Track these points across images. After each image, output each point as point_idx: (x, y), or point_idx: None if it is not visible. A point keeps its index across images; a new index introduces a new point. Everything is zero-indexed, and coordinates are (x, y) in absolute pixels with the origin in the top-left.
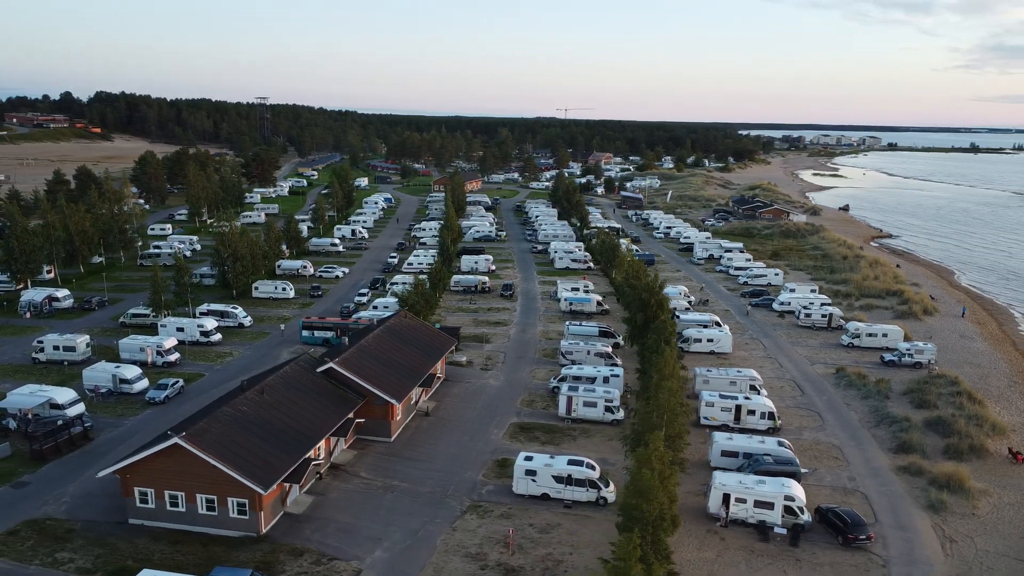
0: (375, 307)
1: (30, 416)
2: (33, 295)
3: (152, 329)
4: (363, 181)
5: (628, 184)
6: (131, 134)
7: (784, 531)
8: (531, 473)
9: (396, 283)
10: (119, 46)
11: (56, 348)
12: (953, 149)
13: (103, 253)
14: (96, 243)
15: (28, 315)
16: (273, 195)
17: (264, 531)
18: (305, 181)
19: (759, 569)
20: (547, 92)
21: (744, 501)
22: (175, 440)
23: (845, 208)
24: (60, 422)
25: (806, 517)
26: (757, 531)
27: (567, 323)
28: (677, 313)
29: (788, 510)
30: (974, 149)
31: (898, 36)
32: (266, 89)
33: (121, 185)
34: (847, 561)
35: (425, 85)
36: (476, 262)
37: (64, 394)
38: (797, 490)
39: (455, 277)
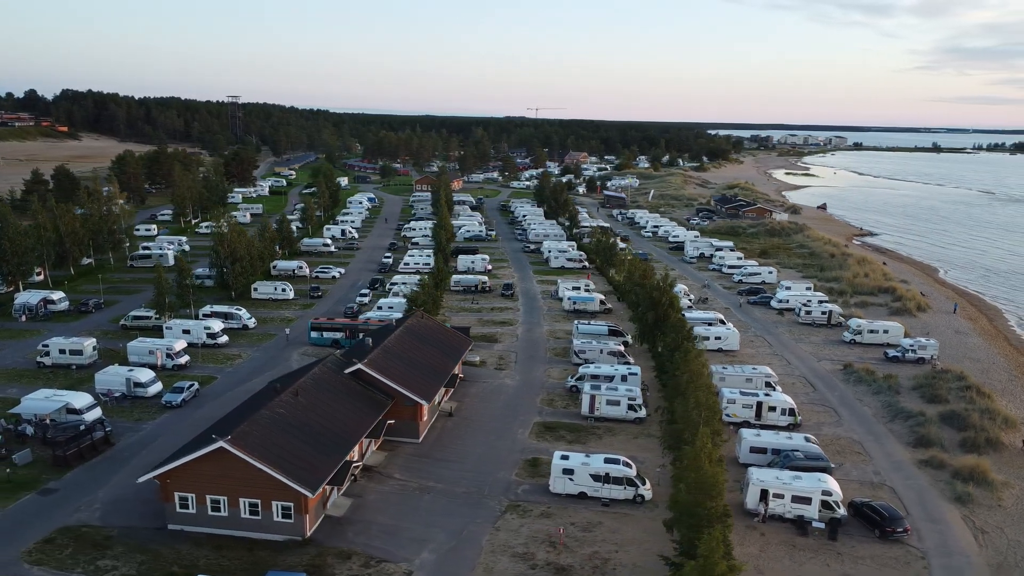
0: (379, 307)
1: (48, 421)
2: (28, 298)
3: (155, 331)
4: (343, 181)
5: (609, 183)
6: (99, 133)
7: (822, 525)
8: (568, 472)
9: (396, 283)
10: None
11: (62, 352)
12: (916, 149)
13: (92, 255)
14: (86, 244)
15: (23, 318)
16: (254, 195)
17: (309, 534)
18: (284, 181)
19: (803, 563)
20: (517, 92)
21: (782, 496)
22: (220, 444)
23: (823, 207)
24: (83, 427)
25: (842, 511)
26: (795, 526)
27: (575, 322)
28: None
29: (825, 505)
30: (936, 149)
31: (859, 38)
32: (235, 88)
33: (109, 185)
34: (886, 554)
35: (394, 85)
36: (472, 262)
37: (81, 398)
38: (833, 485)
39: (455, 277)
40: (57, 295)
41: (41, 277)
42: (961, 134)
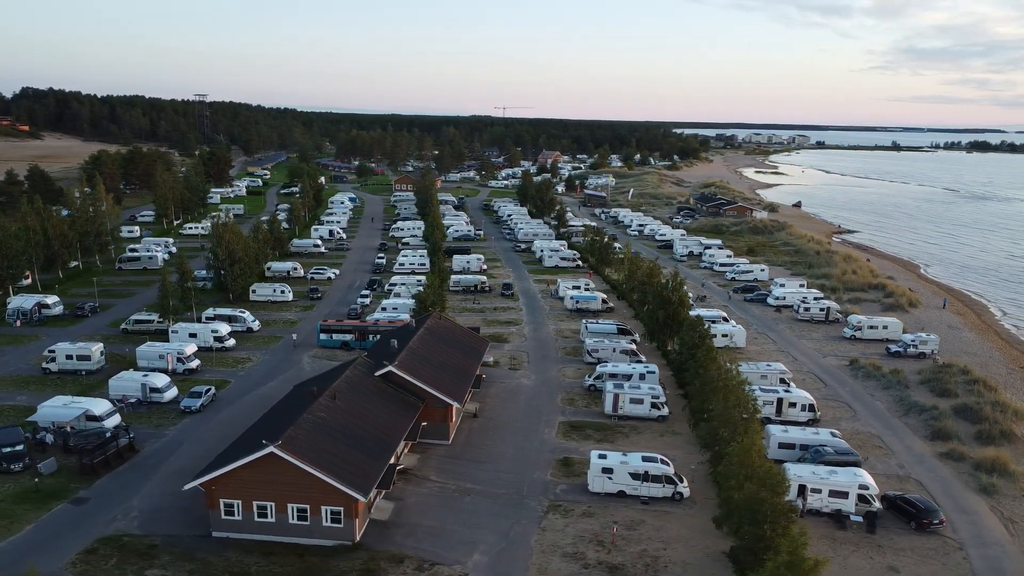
0: (383, 308)
1: (68, 429)
2: (22, 302)
3: (157, 335)
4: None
5: (588, 182)
6: (62, 132)
7: (860, 519)
8: (608, 471)
9: (395, 284)
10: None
11: (69, 357)
12: (877, 147)
13: (79, 257)
14: (74, 247)
15: (18, 323)
16: (231, 195)
17: (358, 539)
18: (260, 181)
19: (847, 556)
20: (483, 91)
21: (819, 491)
22: (271, 449)
23: (797, 205)
24: (108, 434)
25: (878, 505)
26: (833, 520)
27: (584, 321)
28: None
29: (862, 498)
30: (896, 148)
31: (818, 38)
32: (200, 86)
33: (87, 185)
34: (925, 545)
35: (358, 83)
36: (468, 262)
37: (100, 405)
38: (869, 479)
39: (454, 277)
40: (51, 299)
41: (29, 281)
42: (916, 133)
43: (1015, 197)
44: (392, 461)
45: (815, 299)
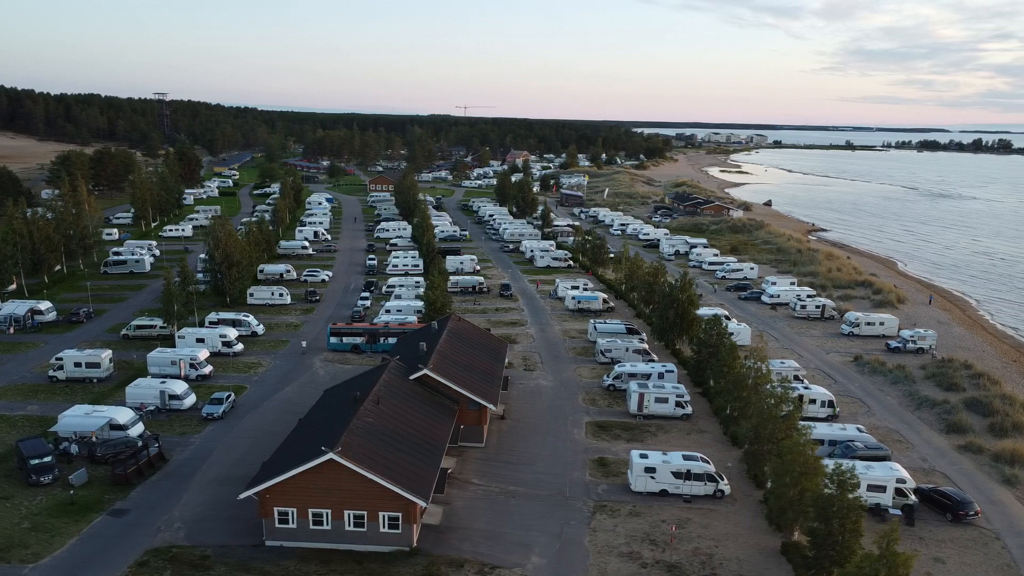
0: (387, 310)
1: (94, 439)
2: (14, 308)
3: (159, 340)
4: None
5: (564, 182)
6: (15, 131)
7: (898, 512)
8: (650, 470)
9: (393, 285)
10: None
11: (78, 365)
12: (832, 146)
13: (63, 261)
14: (59, 251)
15: (11, 330)
16: (204, 196)
17: (415, 544)
18: (230, 181)
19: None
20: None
21: (857, 486)
22: (330, 456)
23: (768, 203)
24: (140, 443)
25: (914, 498)
26: (871, 514)
27: (592, 321)
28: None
29: (899, 492)
30: (850, 147)
31: (769, 39)
32: (156, 84)
33: (77, 186)
34: (963, 536)
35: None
36: (461, 262)
37: (124, 413)
38: (904, 473)
39: (452, 278)
40: (44, 305)
41: (14, 286)
42: (866, 132)
43: (968, 194)
44: (443, 465)
45: (808, 297)
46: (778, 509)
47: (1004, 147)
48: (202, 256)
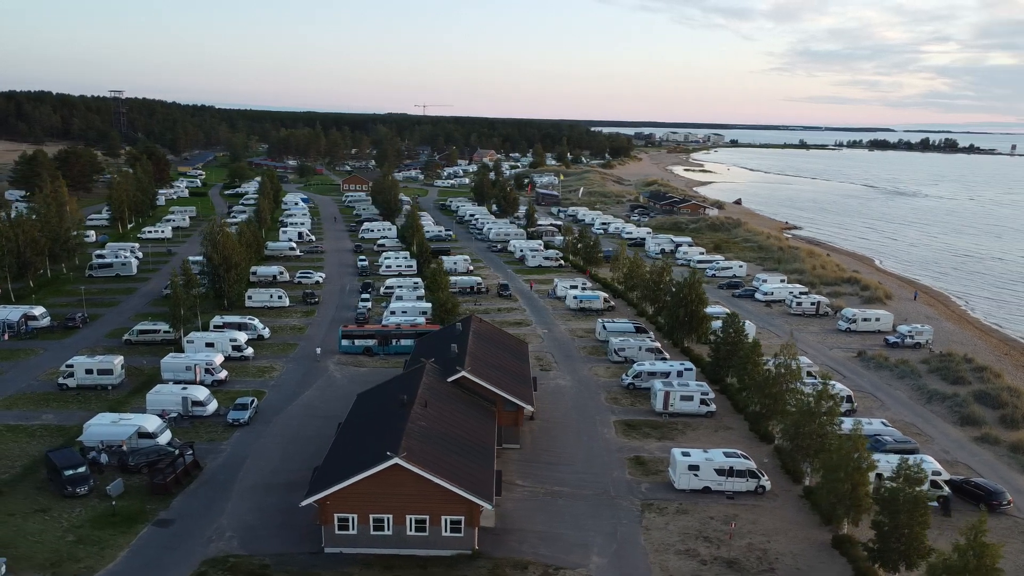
0: (392, 312)
1: (124, 448)
2: (6, 314)
3: (164, 346)
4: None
5: (538, 181)
6: None
7: (935, 504)
8: (694, 468)
9: (392, 287)
10: None
11: (89, 372)
12: (786, 146)
13: (47, 265)
14: (44, 254)
15: (6, 337)
16: (175, 196)
17: (476, 547)
18: (198, 181)
19: (935, 540)
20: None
21: (924, 480)
22: (395, 461)
23: (738, 202)
24: (176, 451)
25: (947, 490)
26: None
27: (600, 321)
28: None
29: (934, 484)
30: (804, 146)
31: (720, 40)
32: (110, 81)
33: (59, 187)
34: (999, 525)
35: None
36: (455, 263)
37: (151, 421)
38: (938, 465)
39: (451, 279)
40: (38, 310)
41: None
42: (816, 131)
43: (922, 192)
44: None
45: (802, 294)
46: (829, 503)
47: (950, 146)
48: (191, 258)
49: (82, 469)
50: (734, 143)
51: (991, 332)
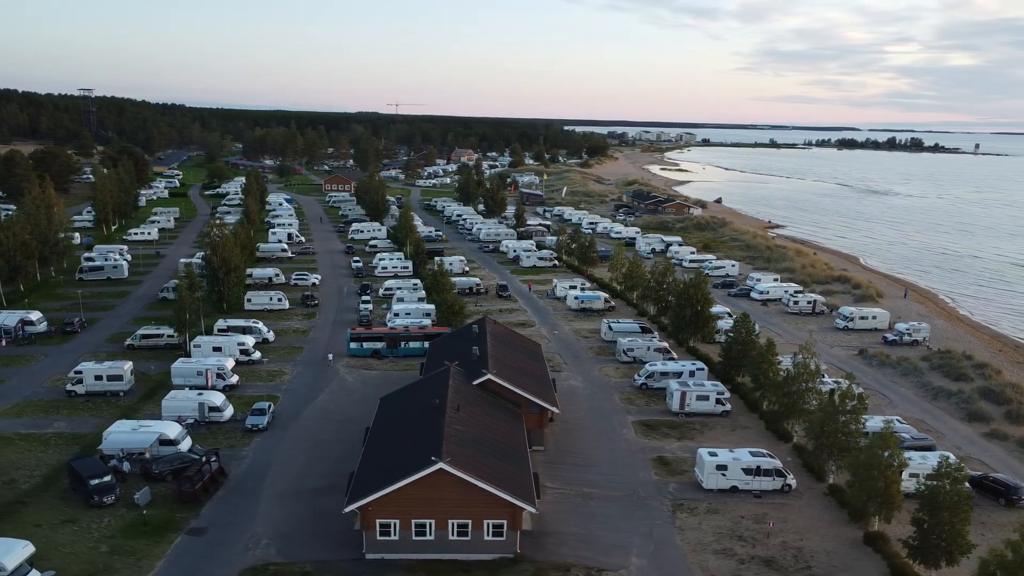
0: (396, 314)
1: (147, 455)
2: (3, 320)
3: (167, 350)
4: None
5: (520, 180)
6: None
7: None
8: (722, 468)
9: (392, 289)
10: None
11: (99, 378)
12: (757, 145)
13: (37, 268)
14: (35, 257)
15: (4, 342)
16: (155, 197)
17: (518, 550)
18: (176, 181)
19: None
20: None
21: (917, 475)
22: (440, 465)
23: (718, 201)
24: (203, 458)
25: (968, 486)
26: None
27: (606, 321)
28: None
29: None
30: (775, 145)
31: (689, 39)
32: (77, 80)
33: (46, 187)
34: (1020, 519)
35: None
36: (451, 264)
37: (172, 428)
38: (960, 462)
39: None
40: (35, 315)
41: None
42: (783, 131)
43: (893, 191)
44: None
45: (797, 292)
46: (861, 501)
47: (916, 145)
48: (183, 260)
49: (108, 478)
50: (706, 142)
51: (982, 329)
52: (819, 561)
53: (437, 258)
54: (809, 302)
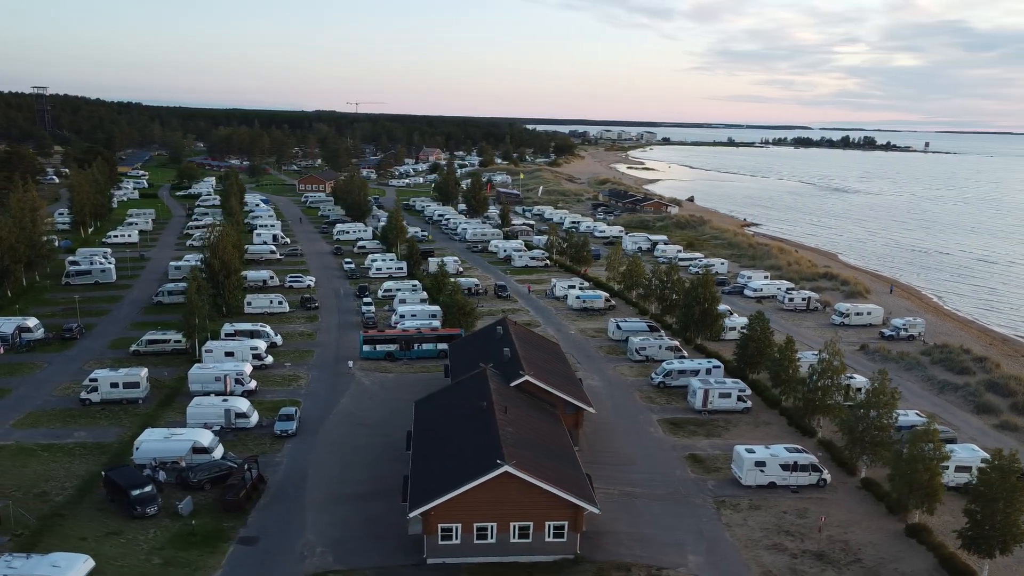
0: (402, 316)
1: (183, 464)
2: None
3: (174, 356)
4: (212, 180)
5: (494, 179)
6: None
7: None
8: (760, 464)
9: (391, 290)
10: None
11: (115, 386)
12: (716, 143)
13: (23, 273)
14: (23, 262)
15: (2, 350)
16: (124, 198)
17: (578, 551)
18: (144, 182)
19: None
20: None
21: (946, 467)
22: (505, 468)
23: (691, 199)
24: (246, 467)
25: None
26: (959, 492)
27: (613, 320)
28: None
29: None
30: (733, 143)
31: (644, 39)
32: (27, 76)
33: (28, 189)
34: None
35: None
36: (445, 264)
37: (205, 435)
38: (985, 453)
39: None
40: (32, 321)
41: None
42: (738, 129)
43: (854, 188)
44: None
45: (790, 289)
46: (904, 494)
47: (868, 143)
48: (174, 264)
49: (149, 488)
50: (667, 141)
51: (970, 324)
52: (867, 554)
53: (432, 259)
54: (804, 299)
